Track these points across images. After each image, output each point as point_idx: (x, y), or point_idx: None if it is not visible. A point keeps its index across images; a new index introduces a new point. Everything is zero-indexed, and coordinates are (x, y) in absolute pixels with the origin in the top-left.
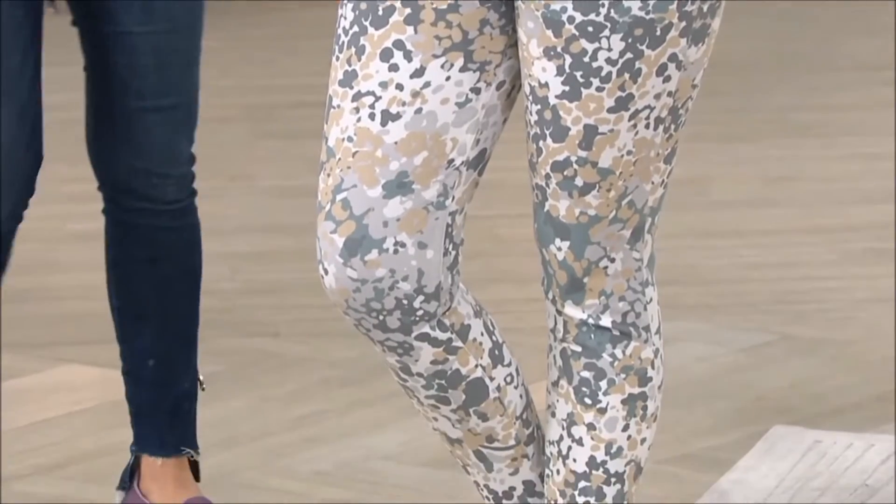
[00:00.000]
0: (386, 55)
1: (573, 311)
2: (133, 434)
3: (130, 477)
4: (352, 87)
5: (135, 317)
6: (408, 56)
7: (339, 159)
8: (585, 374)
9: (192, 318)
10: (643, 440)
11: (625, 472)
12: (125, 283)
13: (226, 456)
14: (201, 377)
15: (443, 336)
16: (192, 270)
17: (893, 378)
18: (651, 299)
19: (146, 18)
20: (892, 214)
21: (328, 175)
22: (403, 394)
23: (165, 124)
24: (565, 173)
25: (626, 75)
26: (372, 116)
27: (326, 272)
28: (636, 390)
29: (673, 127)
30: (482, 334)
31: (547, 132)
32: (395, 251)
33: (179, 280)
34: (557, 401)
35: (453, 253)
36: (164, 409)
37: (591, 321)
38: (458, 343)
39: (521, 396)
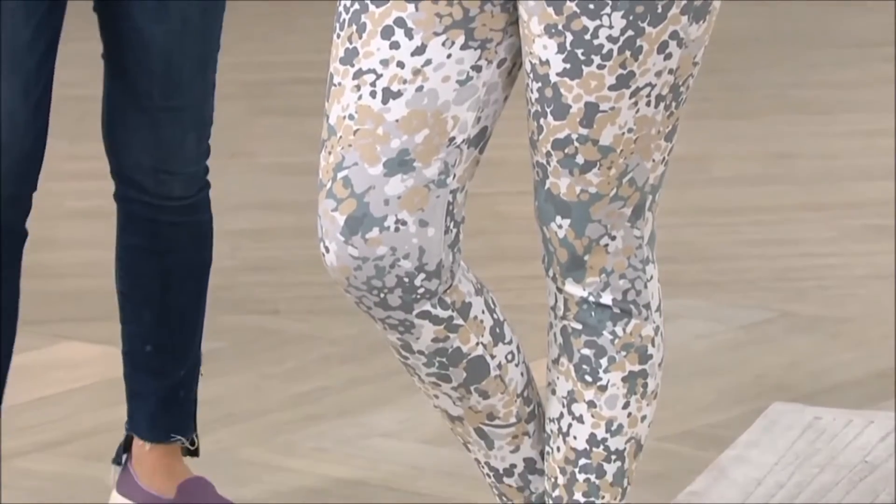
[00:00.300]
0: (387, 33)
1: (574, 289)
2: (127, 412)
3: (125, 452)
4: (353, 65)
5: (136, 304)
6: (409, 34)
7: (341, 137)
8: (586, 351)
9: (196, 310)
10: (643, 417)
11: (625, 449)
12: (129, 270)
13: (225, 433)
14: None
15: (444, 314)
16: (200, 265)
17: (893, 355)
18: (651, 277)
19: (161, 17)
20: (892, 191)
21: (329, 153)
22: (403, 371)
23: (174, 124)
24: (566, 151)
25: (628, 53)
26: (373, 94)
27: (328, 250)
28: (636, 368)
29: (674, 105)
30: (483, 312)
31: (548, 110)
32: (397, 229)
33: (184, 274)
34: (558, 378)
35: (454, 231)
36: (157, 395)
37: (591, 299)
38: (459, 321)
39: (522, 374)
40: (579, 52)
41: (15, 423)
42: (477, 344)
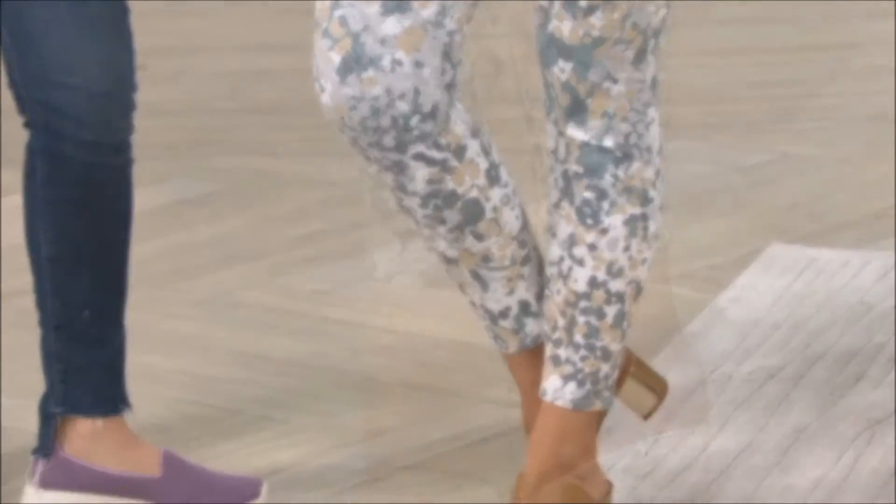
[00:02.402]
0: None
1: (575, 133)
2: (57, 394)
3: (52, 442)
4: None
5: (71, 267)
6: None
7: None
8: (587, 194)
9: (127, 267)
10: (644, 260)
11: (625, 291)
12: (60, 230)
13: (225, 274)
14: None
15: (438, 156)
16: (129, 214)
17: (892, 195)
18: (653, 120)
19: None
20: (892, 31)
21: None
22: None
23: (95, 35)
24: None
25: None
26: None
27: (323, 90)
28: (637, 211)
29: None
30: (478, 154)
31: None
32: (392, 69)
33: (116, 226)
34: (559, 222)
35: (451, 73)
36: (102, 365)
37: (593, 142)
38: (454, 163)
39: (517, 217)
40: None
41: (15, 261)
42: (472, 186)
